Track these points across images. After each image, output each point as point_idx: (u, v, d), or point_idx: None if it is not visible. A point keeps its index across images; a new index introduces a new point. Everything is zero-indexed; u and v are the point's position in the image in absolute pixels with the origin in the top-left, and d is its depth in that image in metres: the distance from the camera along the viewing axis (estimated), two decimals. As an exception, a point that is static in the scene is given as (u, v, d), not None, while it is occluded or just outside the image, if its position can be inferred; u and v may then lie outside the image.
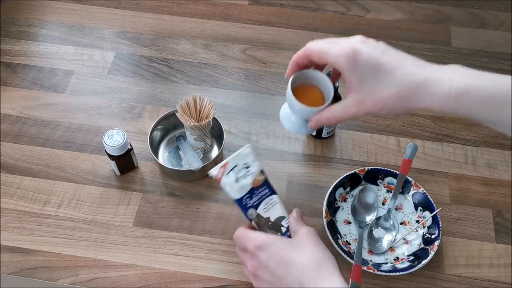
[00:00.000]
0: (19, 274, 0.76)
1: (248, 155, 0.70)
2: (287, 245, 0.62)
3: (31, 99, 0.96)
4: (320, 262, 0.59)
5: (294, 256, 0.60)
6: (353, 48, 0.56)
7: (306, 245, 0.61)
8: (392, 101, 0.55)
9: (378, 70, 0.55)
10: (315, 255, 0.60)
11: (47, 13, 1.10)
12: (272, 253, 0.61)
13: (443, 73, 0.53)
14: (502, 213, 0.83)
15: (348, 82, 0.58)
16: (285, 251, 0.61)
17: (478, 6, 1.13)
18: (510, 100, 0.50)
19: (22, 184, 0.85)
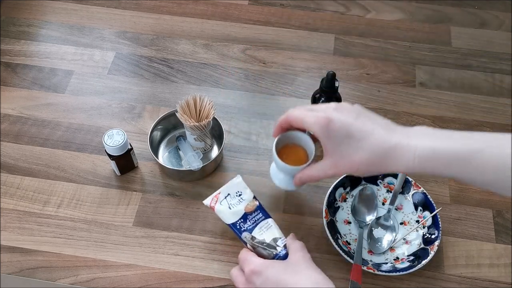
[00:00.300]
0: (19, 274, 0.76)
1: (239, 183, 0.77)
2: (283, 269, 0.63)
3: (31, 99, 0.96)
4: (318, 284, 0.60)
5: (290, 279, 0.61)
6: (327, 117, 0.61)
7: (301, 268, 0.62)
8: (363, 165, 0.60)
9: (350, 137, 0.60)
10: (313, 277, 0.61)
11: (47, 13, 1.10)
12: (268, 277, 0.62)
13: (409, 138, 0.57)
14: (502, 213, 0.83)
15: (324, 147, 0.63)
16: (281, 275, 0.62)
17: (478, 6, 1.13)
18: (474, 159, 0.54)
19: (22, 184, 0.85)
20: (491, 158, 0.54)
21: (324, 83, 0.82)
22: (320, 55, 1.03)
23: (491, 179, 0.54)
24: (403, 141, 0.57)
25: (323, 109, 0.63)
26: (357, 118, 0.60)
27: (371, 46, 1.05)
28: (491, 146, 0.54)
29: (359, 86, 0.99)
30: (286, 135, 0.73)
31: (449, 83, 0.99)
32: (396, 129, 0.60)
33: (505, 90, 0.98)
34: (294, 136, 0.73)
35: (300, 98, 0.96)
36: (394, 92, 0.98)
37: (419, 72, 1.01)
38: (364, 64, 1.02)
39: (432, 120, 0.94)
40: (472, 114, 0.95)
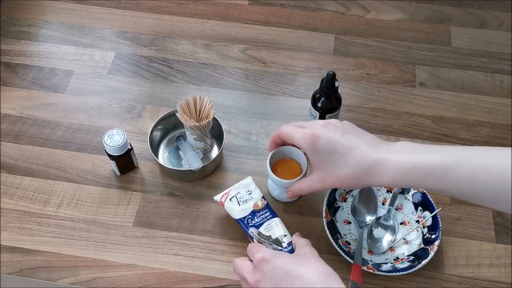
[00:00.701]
0: (19, 274, 0.76)
1: (250, 184, 0.80)
2: (292, 260, 0.63)
3: (31, 99, 0.96)
4: (326, 276, 0.61)
5: (299, 270, 0.61)
6: (313, 134, 0.65)
7: (310, 260, 0.63)
8: (348, 180, 0.64)
9: (335, 153, 0.64)
10: (321, 269, 0.62)
11: (47, 13, 1.10)
12: (277, 265, 0.62)
13: (391, 154, 0.61)
14: (502, 213, 0.83)
15: (311, 162, 0.67)
16: (290, 265, 0.62)
17: (478, 6, 1.13)
18: (450, 172, 0.57)
19: (22, 184, 0.85)
20: (465, 171, 0.56)
21: (324, 83, 0.82)
22: (320, 55, 1.03)
23: (467, 191, 0.57)
24: (385, 156, 0.60)
25: (311, 126, 0.67)
26: (343, 135, 0.64)
27: (371, 46, 1.05)
28: (465, 159, 0.57)
29: (359, 86, 0.99)
30: (280, 150, 0.78)
31: (449, 83, 0.99)
32: (379, 145, 0.63)
33: (505, 90, 0.98)
34: (288, 150, 0.79)
35: (300, 98, 0.96)
36: (394, 92, 0.98)
37: (419, 72, 1.01)
38: (364, 64, 1.02)
39: (432, 120, 0.94)
40: (472, 114, 0.95)
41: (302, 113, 0.94)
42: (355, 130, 0.66)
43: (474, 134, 0.92)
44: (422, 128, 0.93)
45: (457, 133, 0.92)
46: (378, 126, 0.93)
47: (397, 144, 0.62)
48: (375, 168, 0.61)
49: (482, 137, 0.92)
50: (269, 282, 0.61)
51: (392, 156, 0.60)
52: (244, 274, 0.65)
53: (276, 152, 0.78)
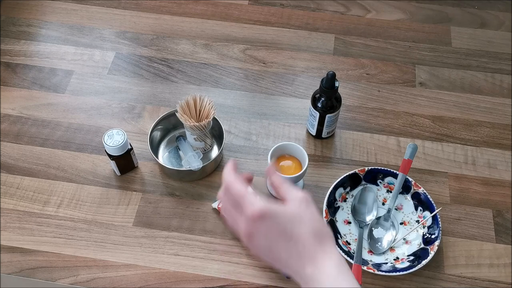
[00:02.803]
0: (19, 274, 0.76)
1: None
2: (287, 217, 0.59)
3: (31, 99, 0.96)
4: (320, 235, 0.59)
5: (294, 230, 0.59)
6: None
7: (305, 216, 0.60)
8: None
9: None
10: (315, 227, 0.59)
11: (47, 13, 1.10)
12: (272, 225, 0.59)
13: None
14: (502, 213, 0.83)
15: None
16: (286, 224, 0.59)
17: (478, 6, 1.13)
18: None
19: (22, 184, 0.85)
20: None
21: (324, 83, 0.82)
22: (320, 55, 1.03)
23: None
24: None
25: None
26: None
27: (371, 46, 1.05)
28: None
29: (359, 86, 0.99)
30: (281, 147, 0.80)
31: (449, 83, 0.99)
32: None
33: (505, 90, 0.98)
34: (288, 147, 0.80)
35: (300, 98, 0.96)
36: (394, 92, 0.98)
37: (419, 72, 1.01)
38: (364, 64, 1.02)
39: (432, 120, 0.94)
40: (472, 114, 0.95)
41: (302, 113, 0.94)
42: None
43: (474, 134, 0.92)
44: (422, 128, 0.93)
45: (457, 133, 0.92)
46: (378, 126, 0.93)
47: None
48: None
49: (482, 137, 0.92)
50: (263, 238, 0.59)
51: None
52: (237, 220, 0.60)
53: (277, 149, 0.80)
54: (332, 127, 0.89)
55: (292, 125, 0.93)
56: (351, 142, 0.91)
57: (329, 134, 0.90)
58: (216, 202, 0.82)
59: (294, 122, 0.93)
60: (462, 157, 0.89)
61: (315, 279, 0.56)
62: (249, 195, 0.59)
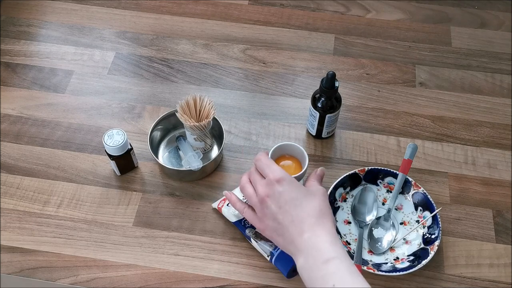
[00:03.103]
0: (19, 274, 0.76)
1: None
2: (302, 190, 0.68)
3: (31, 99, 0.96)
4: (323, 214, 0.66)
5: (304, 200, 0.66)
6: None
7: (317, 196, 0.68)
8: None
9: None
10: (321, 206, 0.67)
11: (47, 13, 1.10)
12: (287, 189, 0.67)
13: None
14: (502, 213, 0.83)
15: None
16: (298, 193, 0.67)
17: (478, 6, 1.13)
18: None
19: (22, 184, 0.85)
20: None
21: (324, 83, 0.82)
22: (320, 55, 1.03)
23: None
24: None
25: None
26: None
27: (371, 46, 1.05)
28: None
29: (359, 86, 0.99)
30: (281, 147, 0.79)
31: (449, 83, 0.99)
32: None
33: (505, 90, 0.98)
34: (288, 147, 0.80)
35: (300, 98, 0.96)
36: (394, 92, 0.98)
37: (419, 72, 1.01)
38: (364, 64, 1.02)
39: (432, 120, 0.94)
40: (472, 114, 0.95)
41: (302, 113, 0.94)
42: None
43: (474, 134, 0.92)
44: (422, 128, 0.93)
45: (457, 133, 0.92)
46: (378, 126, 0.93)
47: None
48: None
49: (482, 137, 0.92)
50: (275, 202, 0.67)
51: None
52: (257, 184, 0.69)
53: (277, 149, 0.79)
54: (332, 127, 0.89)
55: (292, 125, 0.93)
56: (351, 142, 0.91)
57: (329, 134, 0.90)
58: (216, 202, 0.82)
59: (294, 122, 0.93)
60: (462, 157, 0.89)
61: (311, 243, 0.63)
62: (274, 165, 0.69)
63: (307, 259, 0.62)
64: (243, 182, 0.72)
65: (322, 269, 0.61)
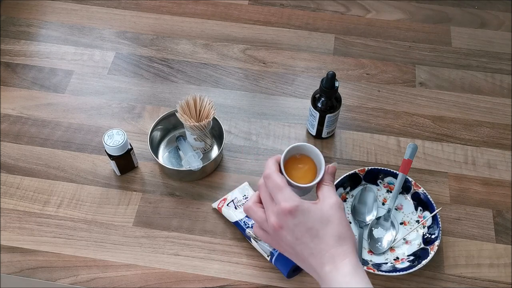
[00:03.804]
0: (19, 274, 0.76)
1: (246, 189, 0.82)
2: (317, 217, 0.63)
3: (31, 99, 0.96)
4: (343, 239, 0.62)
5: (321, 229, 0.62)
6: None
7: (333, 219, 0.63)
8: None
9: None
10: (340, 231, 0.62)
11: (47, 13, 1.10)
12: (301, 221, 0.62)
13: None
14: (502, 213, 0.83)
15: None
16: (314, 222, 0.62)
17: (478, 6, 1.13)
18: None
19: (22, 184, 0.85)
20: None
21: (324, 83, 0.82)
22: (320, 55, 1.03)
23: None
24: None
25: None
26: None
27: (371, 46, 1.05)
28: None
29: (359, 86, 0.99)
30: (296, 147, 0.67)
31: (449, 83, 0.99)
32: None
33: (505, 90, 0.98)
34: (305, 148, 0.68)
35: (300, 98, 0.96)
36: (394, 92, 0.98)
37: (419, 72, 1.01)
38: (364, 64, 1.02)
39: (432, 120, 0.94)
40: (472, 114, 0.95)
41: (302, 113, 0.94)
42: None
43: (474, 134, 0.92)
44: (422, 128, 0.93)
45: (457, 133, 0.92)
46: (378, 126, 0.93)
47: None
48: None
49: (482, 137, 0.92)
50: (290, 233, 0.62)
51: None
52: (268, 210, 0.63)
53: (290, 150, 0.67)
54: (332, 127, 0.89)
55: (292, 125, 0.93)
56: (351, 142, 0.91)
57: (329, 134, 0.90)
58: (216, 202, 0.82)
59: (294, 122, 0.93)
60: (462, 157, 0.89)
61: (332, 277, 0.60)
62: (285, 189, 0.63)
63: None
64: (249, 208, 0.66)
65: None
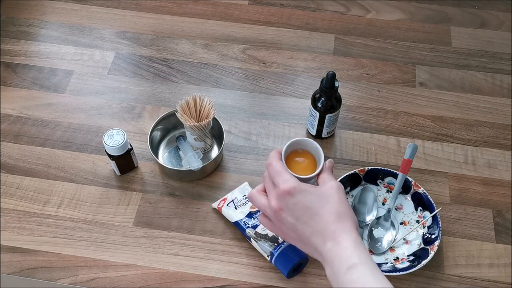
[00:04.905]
0: (19, 274, 0.76)
1: (246, 189, 0.82)
2: (315, 196, 0.65)
3: (31, 99, 0.96)
4: (342, 216, 0.64)
5: (321, 207, 0.64)
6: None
7: (332, 198, 0.65)
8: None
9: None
10: (339, 209, 0.64)
11: (47, 13, 1.10)
12: (300, 200, 0.64)
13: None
14: (502, 213, 0.83)
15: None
16: (313, 201, 0.64)
17: (478, 6, 1.13)
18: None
19: (22, 184, 0.85)
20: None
21: (324, 83, 0.82)
22: (320, 55, 1.03)
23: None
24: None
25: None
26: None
27: (371, 46, 1.05)
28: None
29: (359, 86, 0.99)
30: (296, 142, 0.72)
31: (449, 83, 0.99)
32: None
33: (505, 90, 0.98)
34: (304, 142, 0.73)
35: (300, 98, 0.96)
36: (394, 92, 0.98)
37: (419, 72, 1.01)
38: (364, 64, 1.02)
39: (432, 120, 0.94)
40: (472, 114, 0.95)
41: (302, 113, 0.94)
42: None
43: (474, 134, 0.92)
44: (422, 128, 0.93)
45: (457, 133, 0.92)
46: (378, 126, 0.93)
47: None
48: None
49: (482, 137, 0.92)
50: (291, 214, 0.64)
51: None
52: (270, 194, 0.66)
53: (290, 145, 0.72)
54: (332, 127, 0.89)
55: (292, 125, 0.93)
56: (351, 142, 0.91)
57: (329, 134, 0.90)
58: (216, 202, 0.82)
59: (294, 122, 0.93)
60: (462, 157, 0.89)
61: (334, 253, 0.62)
62: (285, 173, 0.66)
63: (332, 268, 0.62)
64: (252, 195, 0.69)
65: (345, 277, 0.60)
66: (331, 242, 0.62)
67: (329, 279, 0.63)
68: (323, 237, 0.63)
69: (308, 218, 0.64)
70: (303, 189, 0.65)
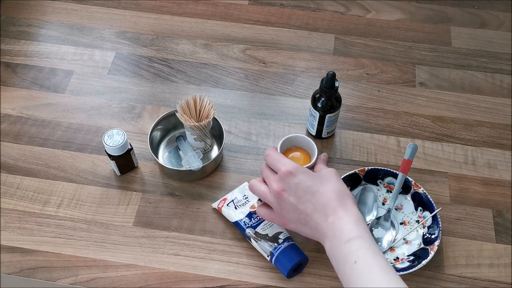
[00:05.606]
0: (19, 274, 0.76)
1: (246, 189, 0.82)
2: (314, 177, 0.69)
3: (31, 99, 0.96)
4: (342, 194, 0.67)
5: (320, 187, 0.67)
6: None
7: (330, 179, 0.69)
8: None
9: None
10: (339, 188, 0.67)
11: (47, 13, 1.10)
12: (301, 180, 0.67)
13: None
14: (502, 213, 0.83)
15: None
16: (313, 181, 0.68)
17: (478, 6, 1.13)
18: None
19: (22, 184, 0.85)
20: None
21: (324, 83, 0.82)
22: (320, 55, 1.03)
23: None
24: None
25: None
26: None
27: (371, 46, 1.05)
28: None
29: (359, 86, 0.99)
30: (289, 139, 0.78)
31: (449, 83, 0.99)
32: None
33: (505, 90, 0.98)
34: (297, 139, 0.78)
35: (300, 98, 0.96)
36: (394, 92, 0.98)
37: (419, 72, 1.01)
38: (364, 64, 1.02)
39: (432, 120, 0.94)
40: (472, 114, 0.95)
41: (302, 113, 0.94)
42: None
43: (474, 134, 0.92)
44: (422, 128, 0.93)
45: (457, 133, 0.92)
46: (378, 126, 0.93)
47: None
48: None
49: (482, 137, 0.92)
50: (293, 194, 0.67)
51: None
52: (270, 180, 0.69)
53: (285, 141, 0.78)
54: (332, 127, 0.89)
55: (292, 125, 0.93)
56: (351, 142, 0.91)
57: (329, 134, 0.90)
58: (216, 202, 0.82)
59: (294, 122, 0.93)
60: (462, 157, 0.89)
61: (335, 227, 0.64)
62: (284, 158, 0.70)
63: (332, 241, 0.63)
64: (253, 183, 0.72)
65: (344, 248, 0.62)
66: (333, 216, 0.64)
67: (328, 253, 0.64)
68: (325, 212, 0.65)
69: (310, 196, 0.66)
70: (304, 170, 0.68)
